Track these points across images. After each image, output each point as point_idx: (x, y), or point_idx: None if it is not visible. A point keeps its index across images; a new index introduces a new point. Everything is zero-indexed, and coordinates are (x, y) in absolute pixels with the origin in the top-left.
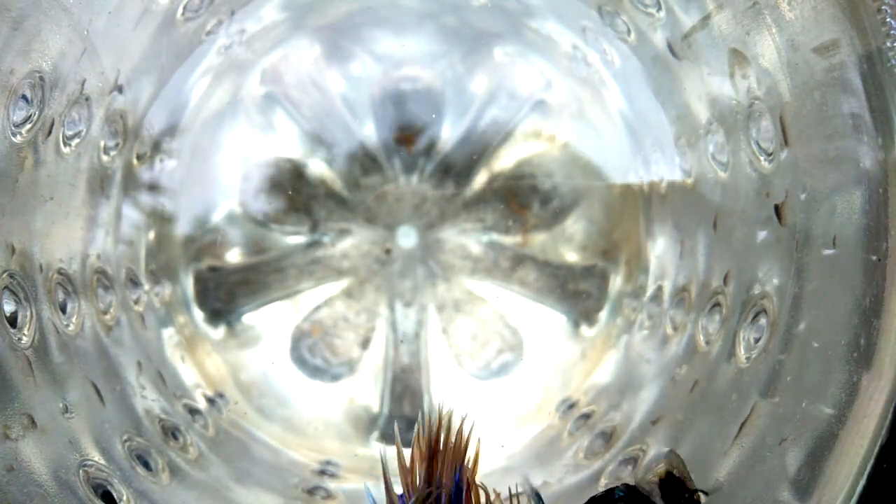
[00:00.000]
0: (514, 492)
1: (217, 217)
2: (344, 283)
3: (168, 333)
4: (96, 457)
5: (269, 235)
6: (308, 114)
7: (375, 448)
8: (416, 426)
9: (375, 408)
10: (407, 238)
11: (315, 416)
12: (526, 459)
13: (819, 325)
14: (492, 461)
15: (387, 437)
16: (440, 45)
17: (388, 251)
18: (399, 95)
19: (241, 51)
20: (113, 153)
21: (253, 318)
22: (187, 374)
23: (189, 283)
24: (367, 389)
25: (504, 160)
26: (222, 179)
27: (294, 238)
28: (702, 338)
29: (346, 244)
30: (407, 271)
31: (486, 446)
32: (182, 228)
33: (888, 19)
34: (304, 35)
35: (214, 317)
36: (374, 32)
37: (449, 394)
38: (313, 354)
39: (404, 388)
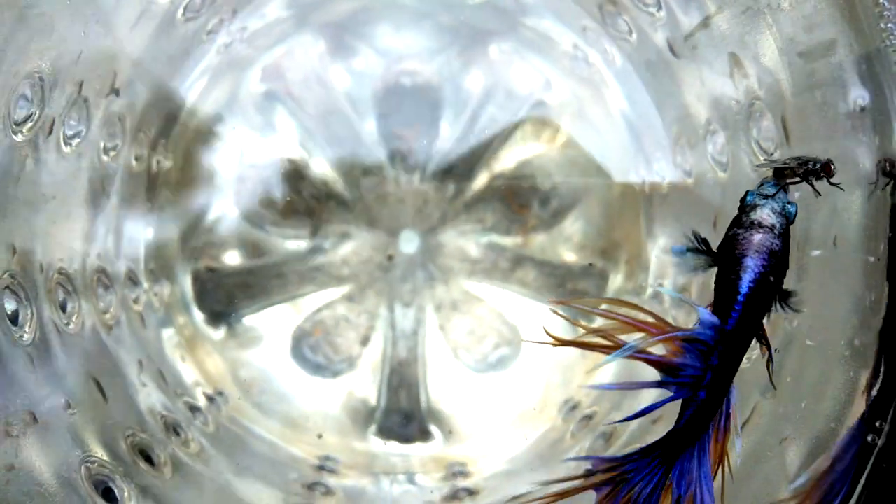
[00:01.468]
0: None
1: (214, 218)
2: (345, 288)
3: (168, 334)
4: (99, 453)
5: (267, 239)
6: (310, 110)
7: (373, 443)
8: None
9: (373, 401)
10: (409, 244)
11: (314, 411)
12: (528, 461)
13: (819, 325)
14: (494, 464)
15: (384, 432)
16: (437, 42)
17: (390, 257)
18: (398, 92)
19: (242, 48)
20: (112, 153)
21: (254, 321)
22: (187, 372)
23: (187, 284)
24: (365, 384)
25: (504, 160)
26: (220, 180)
27: (294, 242)
28: None
29: (347, 250)
30: (408, 276)
31: (488, 446)
32: (180, 229)
33: (885, 12)
34: (308, 32)
35: (214, 318)
36: (375, 30)
37: (446, 389)
38: (315, 353)
39: (401, 381)
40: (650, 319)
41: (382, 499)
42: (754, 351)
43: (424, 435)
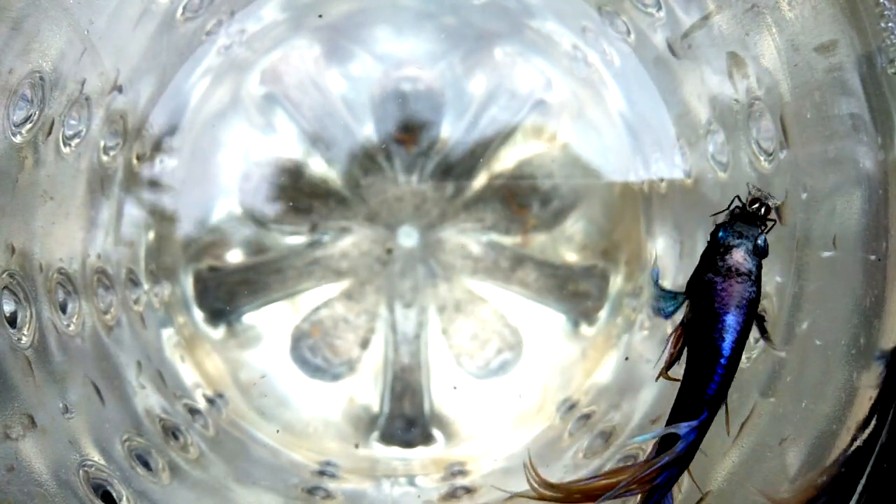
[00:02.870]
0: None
1: (217, 217)
2: (344, 283)
3: (167, 333)
4: (96, 457)
5: (268, 235)
6: (308, 114)
7: (375, 448)
8: None
9: (375, 408)
10: (408, 238)
11: (315, 416)
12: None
13: (819, 324)
14: (491, 462)
15: (386, 437)
16: (440, 45)
17: (389, 251)
18: (399, 95)
19: (241, 50)
20: (113, 153)
21: (253, 319)
22: (187, 373)
23: (189, 283)
24: (366, 389)
25: (504, 160)
26: (222, 179)
27: (294, 238)
28: None
29: (346, 244)
30: (407, 271)
31: (487, 446)
32: (182, 228)
33: (886, 12)
34: (304, 35)
35: (214, 317)
36: (374, 32)
37: (449, 394)
38: (314, 355)
39: (404, 387)
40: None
41: (382, 501)
42: (754, 351)
43: (427, 439)
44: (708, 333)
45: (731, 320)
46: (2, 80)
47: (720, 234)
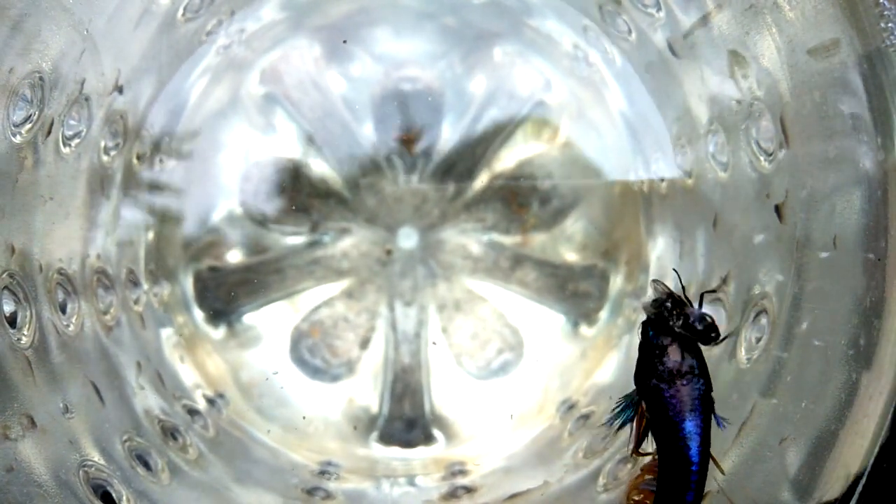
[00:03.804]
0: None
1: (217, 217)
2: (344, 283)
3: (167, 333)
4: (96, 457)
5: (268, 235)
6: (308, 114)
7: (375, 448)
8: None
9: (375, 408)
10: (407, 239)
11: (315, 415)
12: (526, 459)
13: (819, 324)
14: (492, 461)
15: (386, 438)
16: (440, 45)
17: (388, 252)
18: (399, 96)
19: (241, 50)
20: (113, 153)
21: (253, 319)
22: (186, 374)
23: (189, 283)
24: (366, 390)
25: (504, 160)
26: (222, 179)
27: (294, 238)
28: None
29: (346, 244)
30: (407, 271)
31: (487, 446)
32: (182, 228)
33: (886, 12)
34: (304, 35)
35: (214, 317)
36: (374, 32)
37: (449, 394)
38: (313, 355)
39: (404, 387)
40: None
41: (382, 501)
42: (754, 351)
43: (427, 439)
44: (673, 443)
45: (691, 426)
46: (2, 80)
47: (650, 332)
